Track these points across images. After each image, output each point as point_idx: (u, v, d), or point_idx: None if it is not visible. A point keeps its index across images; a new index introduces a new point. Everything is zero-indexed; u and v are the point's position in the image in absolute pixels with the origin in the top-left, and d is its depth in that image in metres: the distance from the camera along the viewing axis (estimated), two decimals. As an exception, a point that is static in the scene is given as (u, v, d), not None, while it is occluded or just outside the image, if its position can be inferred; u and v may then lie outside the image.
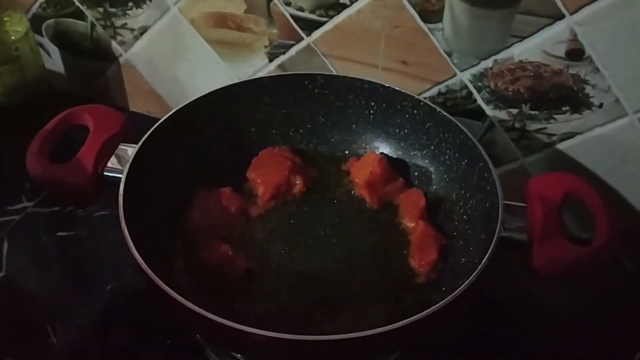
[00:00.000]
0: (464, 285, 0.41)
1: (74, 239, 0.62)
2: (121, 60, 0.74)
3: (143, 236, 0.45)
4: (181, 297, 0.40)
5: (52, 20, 0.74)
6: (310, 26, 0.61)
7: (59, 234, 0.62)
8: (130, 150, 0.51)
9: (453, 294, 0.40)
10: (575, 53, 0.53)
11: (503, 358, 0.53)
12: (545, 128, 0.58)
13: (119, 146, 0.53)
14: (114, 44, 0.72)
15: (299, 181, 0.57)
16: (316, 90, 0.59)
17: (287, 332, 0.38)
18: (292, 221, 0.55)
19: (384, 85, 0.57)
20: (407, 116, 0.57)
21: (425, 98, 0.59)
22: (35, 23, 0.74)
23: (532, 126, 0.58)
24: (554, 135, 0.58)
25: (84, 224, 0.63)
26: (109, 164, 0.52)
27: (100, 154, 0.51)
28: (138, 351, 0.53)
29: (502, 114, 0.59)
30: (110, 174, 0.51)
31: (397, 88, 0.57)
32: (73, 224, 0.63)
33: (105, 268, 0.59)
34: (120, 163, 0.52)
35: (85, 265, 0.61)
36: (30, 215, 0.63)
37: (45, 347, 0.52)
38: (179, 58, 0.70)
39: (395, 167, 0.58)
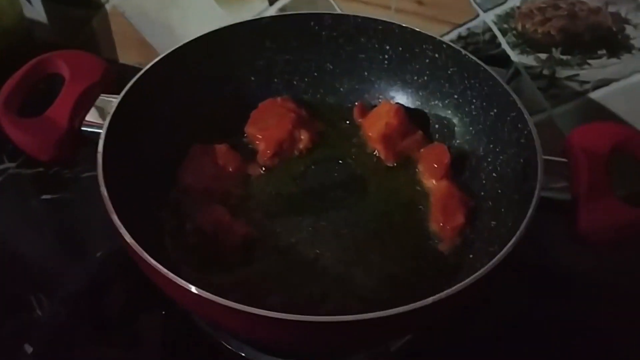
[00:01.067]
0: (503, 251, 0.38)
1: (60, 202, 0.60)
2: (108, 6, 0.72)
3: (126, 199, 0.43)
4: (168, 271, 0.37)
5: (30, -38, 0.73)
6: (315, -39, 0.60)
7: (44, 197, 0.61)
8: (112, 102, 0.49)
9: (490, 262, 0.37)
10: (617, -13, 0.51)
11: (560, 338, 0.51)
12: (578, 75, 0.57)
13: (100, 97, 0.51)
14: (99, -13, 0.71)
15: (304, 136, 0.55)
16: (323, 33, 0.57)
17: (292, 311, 0.35)
18: (297, 181, 0.54)
19: (401, 26, 0.55)
20: (427, 61, 0.55)
21: (445, 42, 0.57)
22: (12, -35, 0.73)
23: (563, 73, 0.57)
24: (587, 82, 0.57)
25: (71, 186, 0.61)
26: (88, 118, 0.50)
27: (76, 106, 0.49)
28: (131, 324, 0.52)
29: (529, 60, 0.57)
30: (89, 129, 0.49)
31: (416, 29, 0.55)
32: (59, 186, 0.61)
33: (95, 234, 0.58)
34: (101, 116, 0.50)
35: (72, 231, 0.60)
36: (13, 177, 0.62)
37: (29, 321, 0.51)
38: (170, 3, 0.68)
39: (413, 118, 0.56)
